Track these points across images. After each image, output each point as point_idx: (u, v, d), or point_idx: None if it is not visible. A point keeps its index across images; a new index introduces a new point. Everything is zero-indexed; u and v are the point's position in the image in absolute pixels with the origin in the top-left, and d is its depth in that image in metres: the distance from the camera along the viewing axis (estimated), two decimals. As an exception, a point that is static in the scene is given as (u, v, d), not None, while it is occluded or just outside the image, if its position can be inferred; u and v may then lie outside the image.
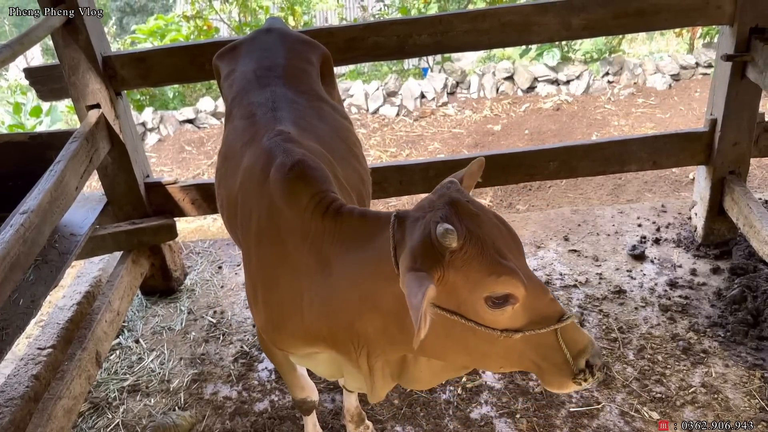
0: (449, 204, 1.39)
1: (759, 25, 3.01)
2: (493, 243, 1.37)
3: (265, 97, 2.18)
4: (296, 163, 1.71)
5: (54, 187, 2.42)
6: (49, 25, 2.73)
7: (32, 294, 2.39)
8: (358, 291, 1.54)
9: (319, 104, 2.31)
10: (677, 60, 7.97)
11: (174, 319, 3.42)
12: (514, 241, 1.44)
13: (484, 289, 1.35)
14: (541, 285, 1.43)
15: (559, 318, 1.42)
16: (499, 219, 1.45)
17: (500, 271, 1.34)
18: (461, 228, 1.34)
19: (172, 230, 3.40)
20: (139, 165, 3.35)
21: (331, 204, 1.63)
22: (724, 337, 2.95)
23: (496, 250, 1.36)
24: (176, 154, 7.22)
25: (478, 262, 1.34)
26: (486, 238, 1.36)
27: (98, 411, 2.89)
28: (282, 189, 1.70)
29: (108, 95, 3.09)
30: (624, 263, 3.51)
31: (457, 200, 1.40)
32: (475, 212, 1.39)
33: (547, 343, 1.43)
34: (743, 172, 3.40)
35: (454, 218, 1.36)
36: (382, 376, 1.73)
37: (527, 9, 3.11)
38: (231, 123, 2.26)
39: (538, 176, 3.57)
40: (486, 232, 1.37)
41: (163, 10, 17.67)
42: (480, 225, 1.37)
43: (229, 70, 2.50)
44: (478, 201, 1.45)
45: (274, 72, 2.33)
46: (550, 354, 1.44)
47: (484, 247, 1.35)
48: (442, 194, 1.43)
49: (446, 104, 7.79)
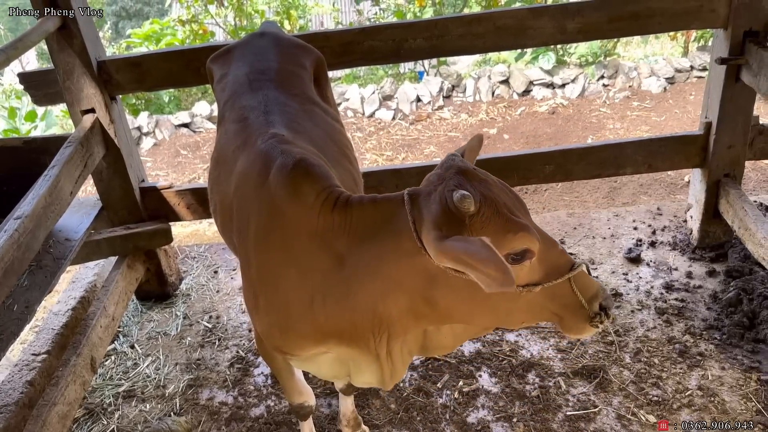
0: (459, 173, 1.45)
1: (753, 29, 3.02)
2: (505, 203, 1.44)
3: (258, 101, 2.17)
4: (298, 162, 1.71)
5: (48, 191, 2.41)
6: (44, 30, 2.72)
7: (27, 299, 2.37)
8: (380, 275, 1.56)
9: (311, 107, 2.31)
10: (672, 63, 8.00)
11: (169, 324, 3.41)
12: (519, 202, 1.51)
13: (503, 247, 1.40)
14: (551, 238, 1.51)
15: (571, 267, 1.51)
16: (502, 183, 1.52)
17: (516, 228, 1.41)
18: (475, 192, 1.40)
19: (168, 235, 3.39)
20: (134, 169, 3.34)
21: (339, 197, 1.64)
22: (720, 340, 2.96)
23: (508, 209, 1.43)
24: (172, 159, 7.21)
25: (495, 223, 1.41)
26: (498, 199, 1.43)
27: (93, 417, 2.87)
28: (286, 189, 1.69)
29: (103, 100, 3.08)
30: (620, 266, 3.51)
31: (465, 168, 1.47)
32: (483, 178, 1.46)
33: (563, 292, 1.52)
34: (738, 174, 3.41)
35: (467, 184, 1.42)
36: (401, 356, 1.77)
37: (522, 13, 3.12)
38: (223, 126, 2.26)
39: (533, 179, 3.57)
40: (497, 194, 1.44)
41: (158, 15, 17.67)
42: (490, 188, 1.44)
43: (222, 73, 2.50)
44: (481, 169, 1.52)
45: (266, 75, 2.33)
46: (568, 302, 1.53)
47: (498, 207, 1.42)
48: (449, 166, 1.49)
49: (442, 108, 7.80)
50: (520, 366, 2.90)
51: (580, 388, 2.78)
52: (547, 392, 2.76)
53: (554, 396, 2.74)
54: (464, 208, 1.37)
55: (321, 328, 1.72)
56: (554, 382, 2.81)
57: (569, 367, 2.89)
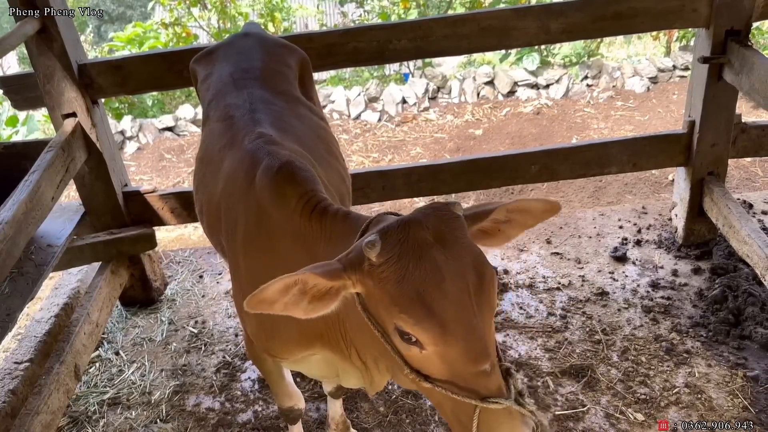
0: (403, 222, 1.30)
1: (735, 28, 3.04)
2: (423, 280, 1.24)
3: (243, 99, 2.16)
4: (283, 165, 1.70)
5: (29, 197, 2.37)
6: (23, 33, 2.68)
7: (8, 307, 2.34)
8: None
9: (296, 105, 2.31)
10: (655, 63, 8.06)
11: (155, 329, 3.37)
12: (471, 296, 1.26)
13: (391, 315, 1.28)
14: (477, 353, 1.25)
15: (485, 397, 1.25)
16: (462, 269, 1.27)
17: (406, 309, 1.25)
18: (391, 248, 1.26)
19: (152, 240, 3.35)
20: (116, 174, 3.30)
21: (318, 204, 1.62)
22: (706, 337, 2.97)
23: (419, 288, 1.24)
24: (156, 163, 7.15)
25: (391, 287, 1.26)
26: (415, 271, 1.25)
27: (78, 425, 2.83)
28: (270, 192, 1.69)
29: (84, 104, 3.05)
30: (606, 265, 3.53)
31: (416, 222, 1.30)
32: (424, 243, 1.27)
33: (464, 410, 1.28)
34: (722, 172, 3.43)
35: (394, 236, 1.27)
36: (376, 368, 1.71)
37: (506, 14, 3.12)
38: (208, 126, 2.24)
39: (519, 180, 3.58)
40: (421, 267, 1.25)
41: (141, 18, 17.54)
42: (419, 257, 1.25)
43: (206, 73, 2.48)
44: (462, 238, 1.31)
45: (250, 74, 2.32)
46: (463, 422, 1.29)
47: (405, 278, 1.25)
48: (422, 210, 1.34)
49: (428, 109, 7.80)
50: (508, 366, 2.90)
51: (569, 388, 2.78)
52: (536, 392, 2.76)
53: (543, 396, 2.74)
54: (365, 251, 1.28)
55: (305, 332, 1.71)
56: (542, 382, 2.81)
57: (557, 366, 2.89)
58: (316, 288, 1.34)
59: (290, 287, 1.31)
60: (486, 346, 1.26)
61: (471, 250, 1.31)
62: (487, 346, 1.27)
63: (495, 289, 1.32)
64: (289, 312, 1.33)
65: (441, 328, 1.24)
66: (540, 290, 3.37)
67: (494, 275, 1.32)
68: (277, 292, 1.30)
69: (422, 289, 1.24)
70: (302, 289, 1.33)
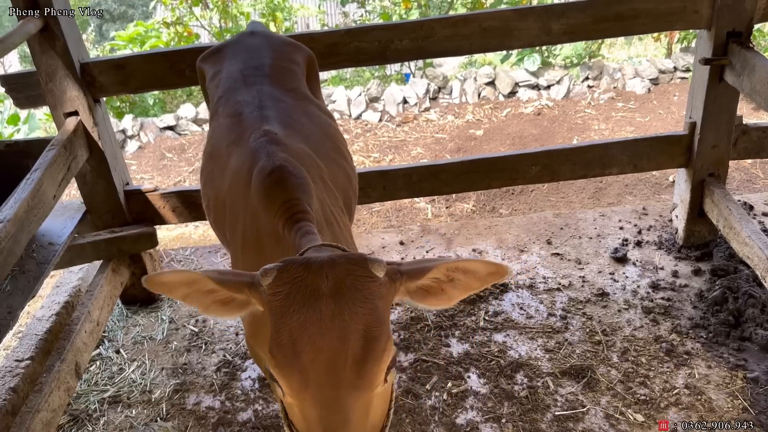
0: (306, 263, 1.23)
1: (736, 29, 3.05)
2: (298, 329, 1.16)
3: (252, 96, 2.17)
4: (276, 169, 1.69)
5: (31, 195, 2.38)
6: (25, 31, 2.69)
7: (9, 305, 2.34)
8: None
9: (305, 103, 2.31)
10: (656, 64, 8.06)
11: (155, 328, 3.37)
12: (345, 365, 1.15)
13: (268, 348, 1.21)
14: (328, 427, 1.15)
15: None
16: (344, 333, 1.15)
17: (275, 348, 1.18)
18: (283, 284, 1.21)
19: (153, 238, 3.35)
20: (118, 173, 3.30)
21: (295, 214, 1.58)
22: (706, 339, 2.98)
23: (293, 334, 1.16)
24: (157, 162, 7.15)
25: (273, 321, 1.20)
26: (295, 316, 1.17)
27: (78, 423, 2.83)
28: (259, 193, 1.69)
29: (86, 102, 3.05)
30: (606, 266, 3.53)
31: (317, 267, 1.22)
32: (316, 291, 1.18)
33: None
34: (722, 174, 3.44)
35: (291, 273, 1.22)
36: None
37: (508, 14, 3.13)
38: (216, 121, 2.24)
39: (520, 180, 3.58)
40: (303, 314, 1.17)
41: (143, 17, 17.55)
42: (304, 303, 1.18)
43: (215, 71, 2.49)
44: (364, 300, 1.19)
45: (260, 71, 2.32)
46: None
47: (285, 318, 1.18)
48: (336, 257, 1.25)
49: (428, 109, 7.80)
50: (508, 366, 2.91)
51: (569, 388, 2.78)
52: (536, 392, 2.76)
53: (543, 396, 2.75)
54: (260, 276, 1.23)
55: None
56: (542, 382, 2.82)
57: (557, 367, 2.89)
58: (219, 293, 1.30)
59: (192, 283, 1.29)
60: (342, 423, 1.14)
61: (367, 317, 1.18)
62: (344, 424, 1.15)
63: (379, 367, 1.18)
64: (191, 304, 1.32)
65: (300, 384, 1.15)
66: (540, 291, 3.38)
67: (385, 352, 1.18)
68: (179, 281, 1.29)
69: (295, 337, 1.15)
70: (202, 290, 1.29)
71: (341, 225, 1.91)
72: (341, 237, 1.85)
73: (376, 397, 1.21)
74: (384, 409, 1.28)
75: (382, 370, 1.19)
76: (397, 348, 3.03)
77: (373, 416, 1.22)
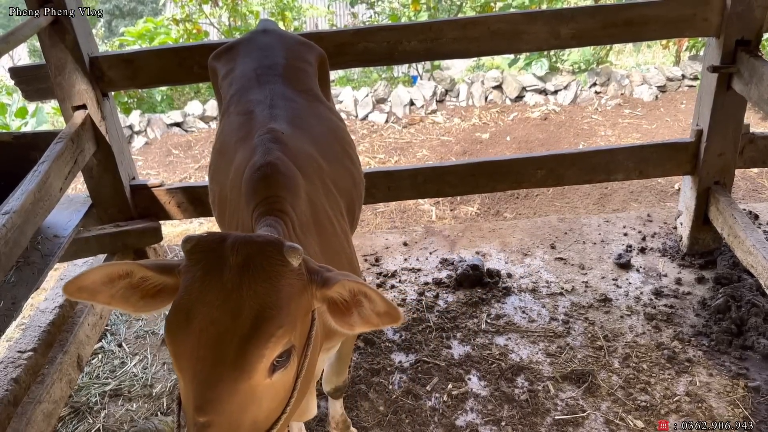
0: (222, 237, 1.24)
1: (745, 38, 3.04)
2: (197, 298, 1.17)
3: (264, 95, 2.18)
4: (265, 165, 1.68)
5: (37, 188, 2.39)
6: (36, 25, 2.70)
7: (13, 296, 2.35)
8: None
9: (316, 104, 2.32)
10: (664, 72, 8.05)
11: (158, 323, 3.38)
12: (227, 343, 1.13)
13: None
14: (196, 402, 1.12)
15: None
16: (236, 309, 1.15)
17: (170, 314, 1.18)
18: (198, 253, 1.23)
19: (158, 234, 3.36)
20: (124, 167, 3.32)
21: (271, 211, 1.57)
22: (708, 347, 2.97)
23: (190, 303, 1.17)
24: (163, 158, 7.17)
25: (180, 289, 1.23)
26: (195, 284, 1.19)
27: (79, 416, 2.84)
28: (245, 187, 1.69)
29: (94, 96, 3.06)
30: (610, 272, 3.52)
31: (232, 242, 1.22)
32: (223, 263, 1.19)
33: None
34: (728, 182, 3.43)
35: (207, 244, 1.23)
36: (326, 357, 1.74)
37: (516, 17, 3.13)
38: (227, 118, 2.25)
39: (525, 184, 3.58)
40: (203, 283, 1.18)
41: (152, 14, 17.61)
42: (207, 271, 1.19)
43: (228, 69, 2.49)
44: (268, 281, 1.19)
45: (274, 71, 2.33)
46: None
47: (188, 287, 1.20)
48: (254, 236, 1.27)
49: (435, 112, 7.81)
50: (509, 370, 2.90)
51: (569, 393, 2.78)
52: (536, 396, 2.76)
53: (543, 400, 2.74)
54: (182, 244, 1.25)
55: None
56: (543, 386, 2.81)
57: (558, 371, 2.89)
58: (149, 283, 1.27)
59: (115, 279, 1.25)
60: (209, 401, 1.11)
61: (264, 298, 1.17)
62: (211, 401, 1.11)
63: (262, 352, 1.14)
64: (117, 307, 1.27)
65: (186, 352, 1.15)
66: (543, 295, 3.37)
67: (273, 338, 1.15)
68: (99, 281, 1.24)
69: (192, 303, 1.16)
70: (131, 283, 1.26)
71: (337, 229, 1.90)
72: (333, 241, 1.84)
73: (261, 392, 1.18)
74: (271, 409, 1.23)
75: (265, 357, 1.15)
76: (398, 348, 3.03)
77: (255, 412, 1.18)
